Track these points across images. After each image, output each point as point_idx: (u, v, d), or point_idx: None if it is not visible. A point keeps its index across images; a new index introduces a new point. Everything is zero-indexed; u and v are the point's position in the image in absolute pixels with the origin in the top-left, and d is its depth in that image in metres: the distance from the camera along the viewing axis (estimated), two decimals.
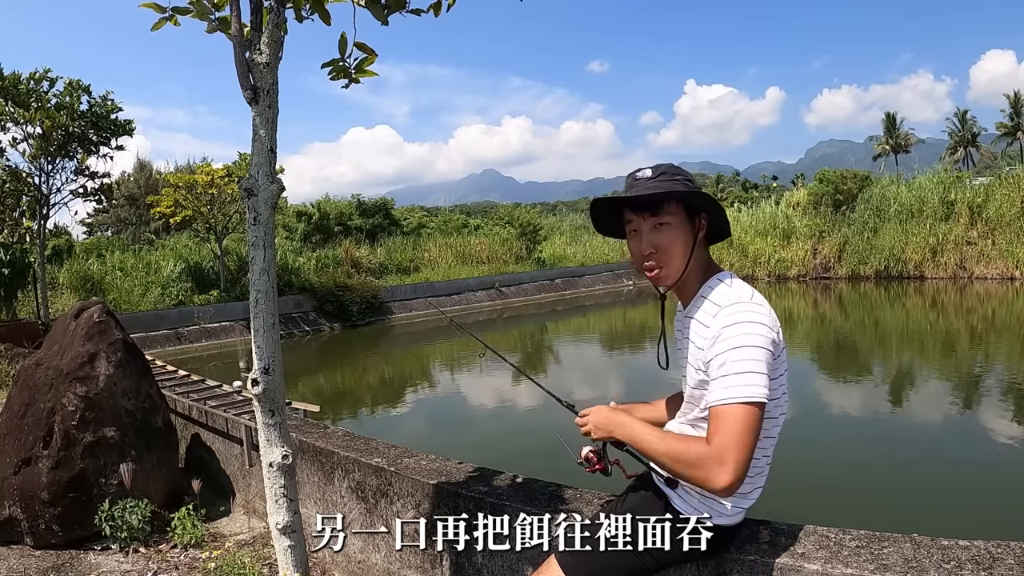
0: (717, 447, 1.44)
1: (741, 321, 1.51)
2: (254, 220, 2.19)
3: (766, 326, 1.52)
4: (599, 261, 31.49)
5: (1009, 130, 51.61)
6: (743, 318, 1.51)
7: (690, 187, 1.61)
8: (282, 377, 2.28)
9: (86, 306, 4.45)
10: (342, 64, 2.44)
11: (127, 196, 33.92)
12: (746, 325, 1.50)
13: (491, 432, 9.15)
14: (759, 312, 1.53)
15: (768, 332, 1.51)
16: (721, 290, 1.60)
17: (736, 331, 1.50)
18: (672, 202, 1.61)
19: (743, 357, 1.48)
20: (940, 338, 14.77)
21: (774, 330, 1.54)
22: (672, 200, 1.60)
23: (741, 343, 1.48)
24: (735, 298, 1.55)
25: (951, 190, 25.84)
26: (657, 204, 1.60)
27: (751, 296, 1.56)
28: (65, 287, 19.32)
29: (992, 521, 4.91)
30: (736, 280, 1.63)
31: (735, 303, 1.54)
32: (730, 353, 1.49)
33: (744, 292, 1.58)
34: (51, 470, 3.80)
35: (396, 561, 2.96)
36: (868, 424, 8.40)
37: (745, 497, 1.65)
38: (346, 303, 20.57)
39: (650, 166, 1.64)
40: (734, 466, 1.43)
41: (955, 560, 1.58)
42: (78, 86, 15.69)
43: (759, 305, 1.55)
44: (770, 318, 1.54)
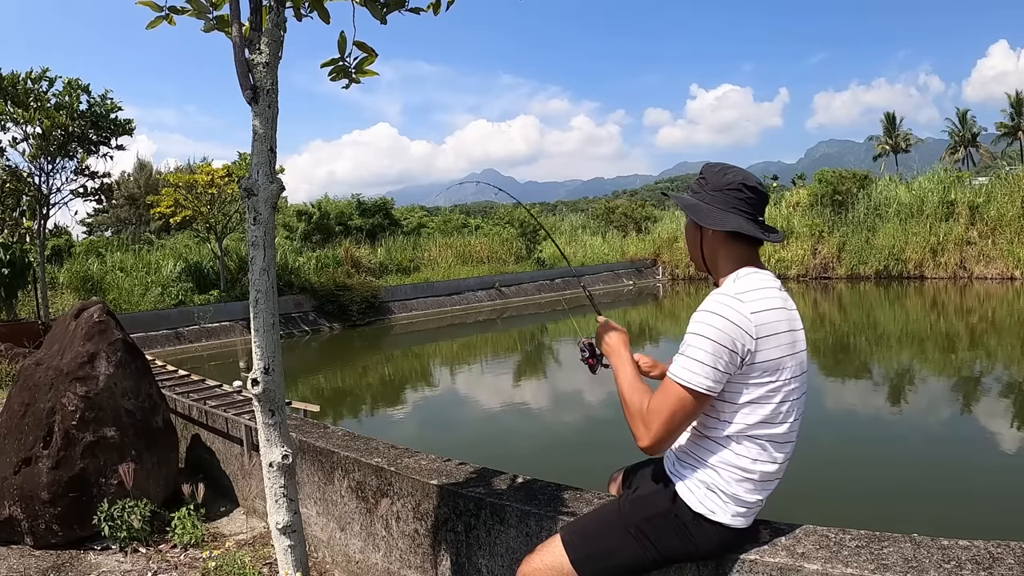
0: (649, 410, 1.63)
1: (707, 310, 1.61)
2: (254, 220, 2.18)
3: (730, 322, 1.56)
4: (599, 261, 31.48)
5: (1009, 130, 51.63)
6: (710, 307, 1.60)
7: (681, 195, 1.79)
8: (282, 377, 2.28)
9: (86, 306, 4.45)
10: (342, 64, 2.44)
11: (127, 196, 33.93)
12: (708, 315, 1.59)
13: (491, 432, 9.15)
14: (730, 308, 1.58)
15: (729, 328, 1.56)
16: (726, 282, 1.70)
17: (699, 317, 1.61)
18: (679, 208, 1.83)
19: (693, 343, 1.59)
20: (940, 338, 14.77)
21: (743, 330, 1.56)
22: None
23: (697, 330, 1.59)
24: (721, 290, 1.65)
25: (951, 190, 25.84)
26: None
27: (737, 291, 1.61)
28: (65, 287, 19.30)
29: (992, 521, 4.91)
30: (748, 278, 1.67)
31: (717, 293, 1.64)
32: (688, 336, 1.61)
33: (737, 287, 1.63)
34: (51, 470, 3.80)
35: (396, 561, 2.96)
36: (868, 424, 8.40)
37: (746, 504, 1.66)
38: (346, 303, 20.55)
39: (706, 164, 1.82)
40: (653, 433, 1.61)
41: (955, 560, 1.58)
42: (77, 85, 15.68)
43: (738, 302, 1.59)
44: (741, 317, 1.57)
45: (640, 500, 1.77)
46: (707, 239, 1.75)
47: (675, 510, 1.69)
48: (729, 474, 1.64)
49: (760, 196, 1.71)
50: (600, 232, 36.48)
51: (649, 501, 1.75)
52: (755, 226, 1.69)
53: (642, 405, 1.64)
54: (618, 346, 1.88)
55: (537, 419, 9.76)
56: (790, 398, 1.65)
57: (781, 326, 1.62)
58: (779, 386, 1.62)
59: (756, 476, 1.64)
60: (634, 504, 1.77)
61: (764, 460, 1.63)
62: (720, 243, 1.73)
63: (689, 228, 1.81)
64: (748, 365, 1.59)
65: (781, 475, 1.69)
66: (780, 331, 1.62)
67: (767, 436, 1.63)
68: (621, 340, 1.90)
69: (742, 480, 1.64)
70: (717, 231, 1.71)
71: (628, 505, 1.78)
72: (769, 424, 1.62)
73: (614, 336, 1.91)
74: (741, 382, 1.61)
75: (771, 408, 1.62)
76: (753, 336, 1.57)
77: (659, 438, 1.61)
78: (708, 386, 1.57)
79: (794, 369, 1.64)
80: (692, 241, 1.81)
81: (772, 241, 1.73)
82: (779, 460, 1.66)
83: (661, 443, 1.63)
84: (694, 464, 1.70)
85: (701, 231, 1.76)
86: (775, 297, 1.65)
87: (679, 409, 1.59)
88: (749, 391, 1.61)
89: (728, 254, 1.73)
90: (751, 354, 1.57)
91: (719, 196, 1.70)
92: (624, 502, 1.80)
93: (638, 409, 1.65)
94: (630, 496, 1.82)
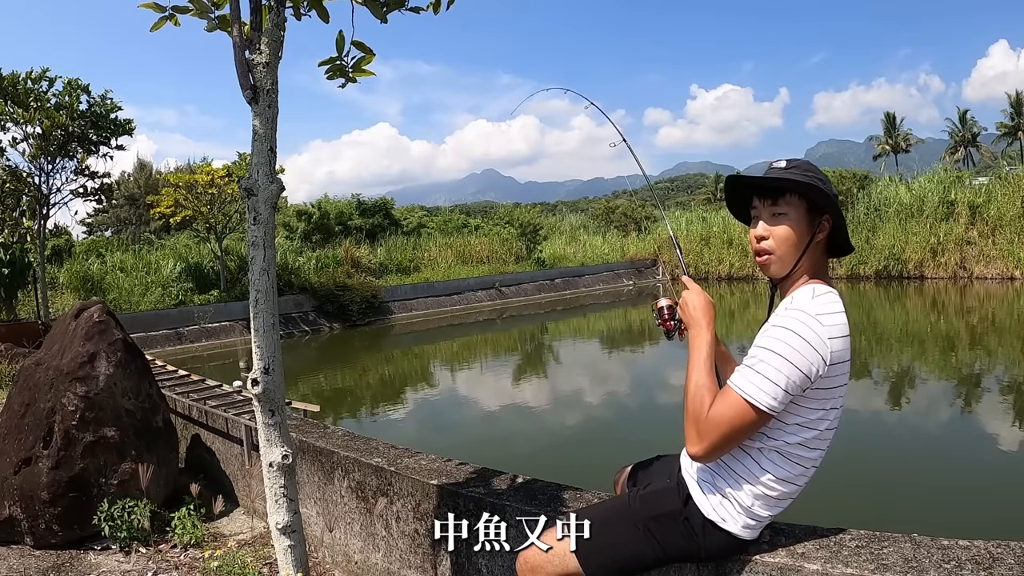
0: (707, 419, 1.51)
1: (788, 328, 1.48)
2: (254, 220, 2.18)
3: (809, 345, 1.46)
4: (599, 261, 31.48)
5: (1009, 130, 51.63)
6: (791, 326, 1.48)
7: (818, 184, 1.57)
8: (282, 377, 2.28)
9: (86, 306, 4.45)
10: (339, 63, 2.43)
11: (127, 196, 33.91)
12: (788, 333, 1.48)
13: (491, 432, 9.15)
14: (811, 330, 1.47)
15: (807, 351, 1.46)
16: (803, 295, 1.55)
17: (778, 333, 1.49)
18: (794, 195, 1.58)
19: (766, 359, 1.48)
20: (940, 338, 14.77)
21: (820, 355, 1.47)
22: (793, 192, 1.57)
23: (773, 346, 1.48)
24: (803, 306, 1.51)
25: (951, 190, 25.83)
26: (778, 192, 1.59)
27: (818, 312, 1.50)
28: (65, 287, 19.30)
29: (992, 521, 4.91)
30: (826, 296, 1.55)
31: (798, 309, 1.50)
32: (761, 350, 1.50)
33: (817, 307, 1.51)
34: (51, 470, 3.80)
35: (396, 561, 2.96)
36: (868, 424, 8.40)
37: (757, 518, 1.64)
38: (346, 303, 20.55)
39: (787, 159, 1.64)
40: (706, 444, 1.51)
41: (955, 560, 1.58)
42: (77, 85, 15.68)
43: (819, 324, 1.48)
44: (820, 341, 1.47)
45: (651, 497, 1.74)
46: (818, 241, 1.59)
47: (686, 512, 1.66)
48: (749, 487, 1.60)
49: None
50: (600, 232, 36.50)
51: (660, 499, 1.72)
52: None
53: (703, 410, 1.53)
54: (700, 316, 1.68)
55: (537, 419, 9.76)
56: (834, 424, 1.60)
57: (848, 354, 1.54)
58: (829, 414, 1.56)
59: (775, 494, 1.60)
60: (644, 501, 1.74)
61: (788, 479, 1.59)
62: (822, 249, 1.62)
63: (800, 223, 1.57)
64: (811, 389, 1.51)
65: (796, 496, 1.65)
66: (846, 359, 1.54)
67: (798, 457, 1.58)
68: (705, 310, 1.69)
69: (760, 496, 1.60)
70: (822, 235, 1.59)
71: (638, 501, 1.75)
72: (806, 447, 1.58)
73: (699, 303, 1.70)
74: (797, 403, 1.53)
75: (814, 433, 1.57)
76: (827, 363, 1.48)
77: (711, 450, 1.52)
78: (773, 406, 1.48)
79: (845, 397, 1.59)
80: (798, 238, 1.58)
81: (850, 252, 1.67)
82: (800, 483, 1.62)
83: (712, 455, 1.54)
84: (715, 470, 1.65)
85: (815, 229, 1.59)
86: (845, 323, 1.54)
87: (739, 424, 1.50)
88: (801, 413, 1.54)
89: (817, 260, 1.62)
90: (819, 379, 1.49)
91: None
92: (634, 497, 1.77)
93: (697, 413, 1.53)
94: (640, 492, 1.79)
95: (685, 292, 1.76)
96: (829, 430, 1.59)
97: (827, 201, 1.57)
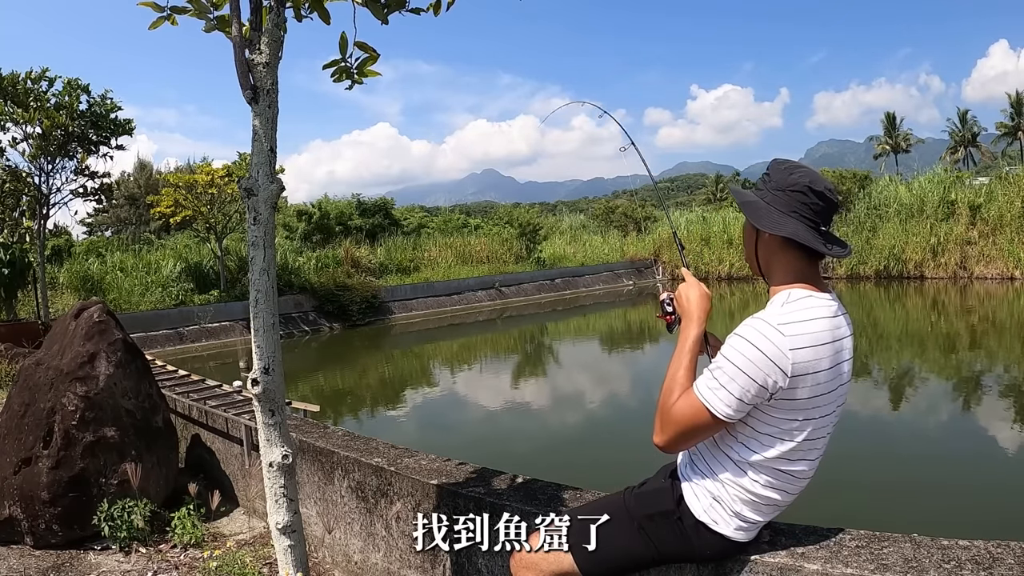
0: (670, 413, 1.57)
1: (744, 337, 1.49)
2: (254, 220, 2.18)
3: (765, 356, 1.45)
4: (598, 261, 31.46)
5: (1009, 130, 51.62)
6: (748, 335, 1.48)
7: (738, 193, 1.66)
8: (282, 377, 2.28)
9: (86, 306, 4.45)
10: (344, 64, 2.43)
11: (127, 196, 33.89)
12: (743, 343, 1.48)
13: (491, 432, 9.15)
14: (767, 340, 1.46)
15: (762, 363, 1.45)
16: (775, 301, 1.55)
17: (735, 342, 1.51)
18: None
19: (723, 367, 1.51)
20: (940, 338, 14.77)
21: (777, 367, 1.45)
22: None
23: (729, 355, 1.50)
24: (767, 315, 1.51)
25: (951, 190, 25.81)
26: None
27: (782, 321, 1.48)
28: (65, 287, 19.29)
29: (992, 521, 4.90)
30: (801, 303, 1.52)
31: (759, 319, 1.50)
32: (720, 357, 1.53)
33: (784, 315, 1.49)
34: (51, 470, 3.80)
35: (396, 561, 2.96)
36: (868, 424, 8.39)
37: (749, 521, 1.63)
38: (346, 303, 20.54)
39: (777, 159, 1.68)
40: (666, 436, 1.57)
41: (955, 560, 1.58)
42: (77, 85, 15.66)
43: (779, 335, 1.46)
44: (778, 353, 1.45)
45: (645, 496, 1.74)
46: (763, 242, 1.60)
47: (678, 512, 1.66)
48: (736, 493, 1.60)
49: (828, 203, 1.55)
50: (600, 232, 36.48)
51: (654, 498, 1.72)
52: (814, 236, 1.52)
53: (669, 403, 1.57)
54: (693, 309, 1.70)
55: (537, 419, 9.76)
56: (816, 435, 1.56)
57: (822, 364, 1.49)
58: (804, 425, 1.54)
59: (763, 502, 1.60)
60: (639, 499, 1.74)
61: (774, 489, 1.58)
62: (776, 249, 1.58)
63: (746, 227, 1.65)
64: (777, 400, 1.50)
65: (789, 502, 1.64)
66: (820, 369, 1.49)
67: (782, 470, 1.57)
68: (699, 303, 1.70)
69: (748, 502, 1.60)
70: (774, 235, 1.55)
71: (633, 499, 1.75)
72: (786, 460, 1.56)
73: (693, 295, 1.72)
74: (766, 413, 1.53)
75: (791, 446, 1.54)
76: (788, 374, 1.45)
77: (669, 443, 1.58)
78: (728, 413, 1.49)
79: (827, 408, 1.55)
80: (748, 241, 1.65)
81: (835, 256, 1.55)
82: (791, 492, 1.61)
83: (670, 448, 1.60)
84: (704, 472, 1.65)
85: (757, 233, 1.61)
86: (823, 331, 1.49)
87: (695, 424, 1.53)
88: (772, 424, 1.53)
89: (784, 263, 1.58)
90: (782, 391, 1.48)
91: (781, 197, 1.55)
92: (630, 496, 1.77)
93: (664, 405, 1.58)
94: (636, 491, 1.79)
95: (681, 284, 1.80)
96: (809, 441, 1.56)
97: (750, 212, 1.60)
